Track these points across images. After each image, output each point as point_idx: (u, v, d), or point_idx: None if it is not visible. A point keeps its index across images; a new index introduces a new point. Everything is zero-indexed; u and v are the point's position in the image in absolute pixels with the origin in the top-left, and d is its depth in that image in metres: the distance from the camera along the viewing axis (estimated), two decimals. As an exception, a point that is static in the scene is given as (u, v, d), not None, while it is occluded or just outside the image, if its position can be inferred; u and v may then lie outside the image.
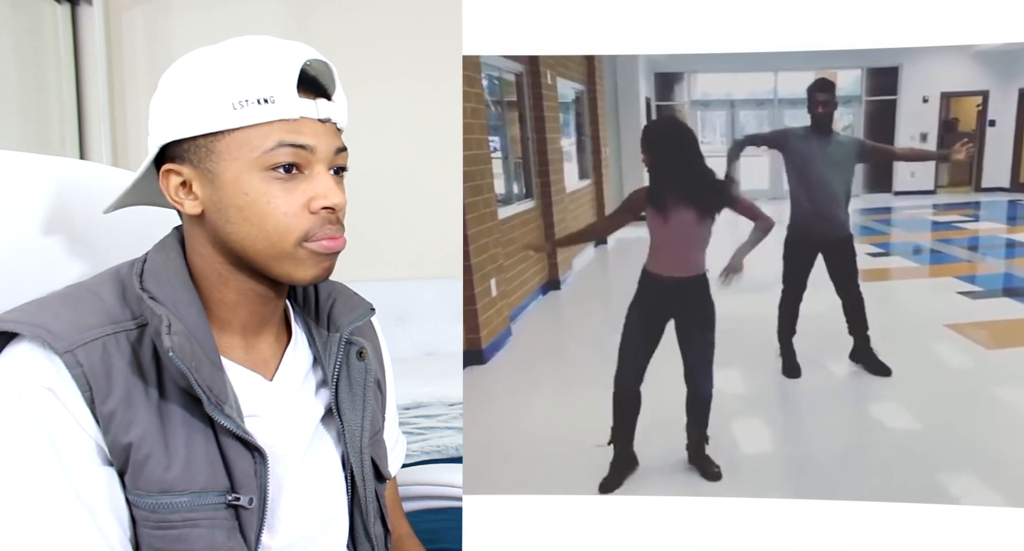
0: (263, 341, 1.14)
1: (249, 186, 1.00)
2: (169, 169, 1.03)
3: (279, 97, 0.99)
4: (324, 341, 1.19)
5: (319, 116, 1.02)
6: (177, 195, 1.03)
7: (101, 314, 1.00)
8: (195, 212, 1.03)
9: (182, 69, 1.03)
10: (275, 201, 1.00)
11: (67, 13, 3.74)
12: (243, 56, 1.00)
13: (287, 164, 1.00)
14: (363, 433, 1.19)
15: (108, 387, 0.96)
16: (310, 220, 1.02)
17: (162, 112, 1.03)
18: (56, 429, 0.94)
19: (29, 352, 0.96)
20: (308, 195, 1.02)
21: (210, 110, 0.99)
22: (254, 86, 0.98)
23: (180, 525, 0.99)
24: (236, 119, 0.98)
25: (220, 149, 1.00)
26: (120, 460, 0.98)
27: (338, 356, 1.18)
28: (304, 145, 1.00)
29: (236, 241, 1.02)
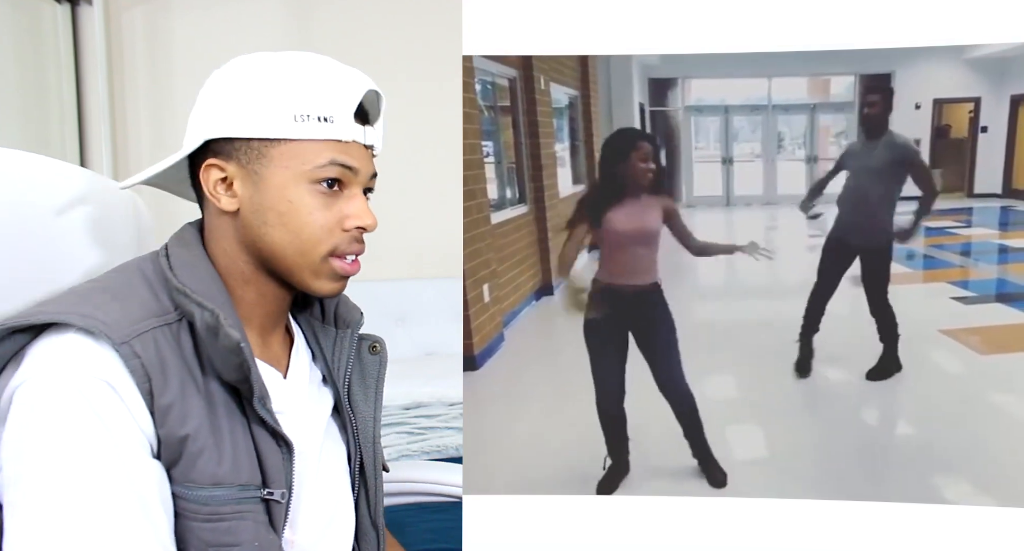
0: (275, 339, 1.17)
1: (294, 194, 1.04)
2: (213, 163, 1.06)
3: (338, 118, 1.05)
4: (332, 338, 1.23)
5: (366, 142, 1.09)
6: (216, 190, 1.06)
7: (145, 306, 1.01)
8: (231, 209, 1.06)
9: (245, 70, 1.06)
10: (315, 213, 1.05)
11: (67, 13, 3.74)
12: (310, 73, 1.06)
13: (332, 180, 1.06)
14: (376, 424, 1.24)
15: (165, 379, 0.97)
16: (341, 236, 1.07)
17: (217, 108, 1.06)
18: (113, 422, 0.94)
19: (82, 343, 0.95)
20: (344, 213, 1.07)
21: (272, 117, 1.03)
22: (317, 104, 1.04)
23: (230, 517, 1.01)
24: (295, 131, 1.03)
25: (273, 155, 1.04)
26: (173, 453, 0.99)
27: (350, 351, 1.22)
28: (351, 167, 1.07)
29: (267, 244, 1.06)
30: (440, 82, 3.55)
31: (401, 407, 3.19)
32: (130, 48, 3.89)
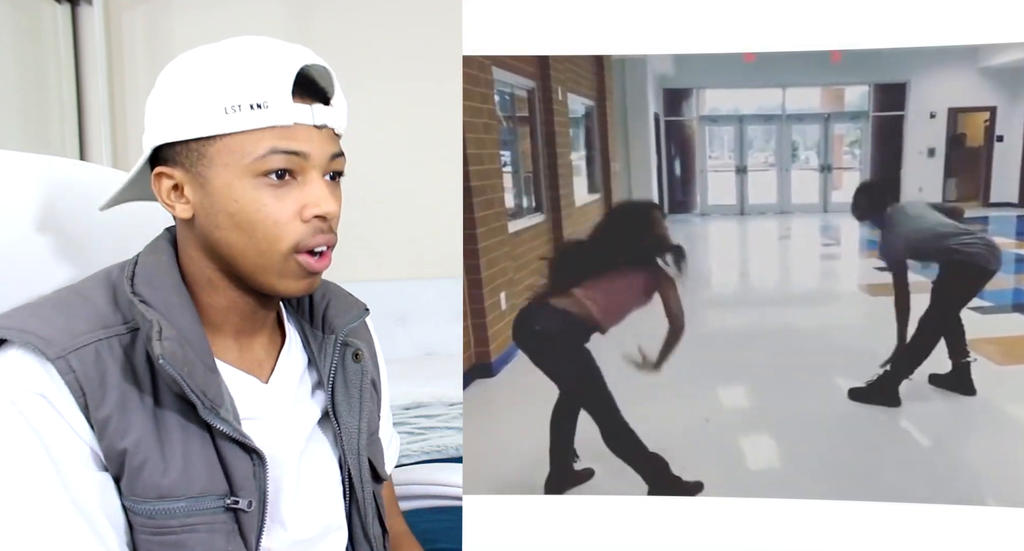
0: (257, 343, 1.14)
1: (240, 193, 0.98)
2: (161, 172, 1.02)
3: (272, 102, 0.97)
4: (319, 343, 1.18)
5: (314, 122, 1.00)
6: (169, 198, 1.03)
7: (93, 319, 0.99)
8: (186, 216, 1.02)
9: (177, 69, 1.01)
10: (266, 209, 0.99)
11: (67, 13, 3.73)
12: (237, 59, 0.99)
13: (279, 170, 0.99)
14: (360, 435, 1.19)
15: (102, 392, 0.96)
16: (301, 229, 1.01)
17: (156, 113, 1.02)
18: (50, 436, 0.94)
19: (20, 358, 0.95)
20: (300, 202, 1.00)
21: (202, 114, 0.97)
22: (247, 91, 0.96)
23: (178, 531, 0.99)
24: (228, 124, 0.97)
25: (211, 154, 0.98)
26: (115, 466, 0.98)
27: (334, 358, 1.17)
28: (297, 152, 0.99)
29: (225, 248, 1.02)
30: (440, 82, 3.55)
31: (401, 407, 3.19)
32: (130, 48, 3.88)
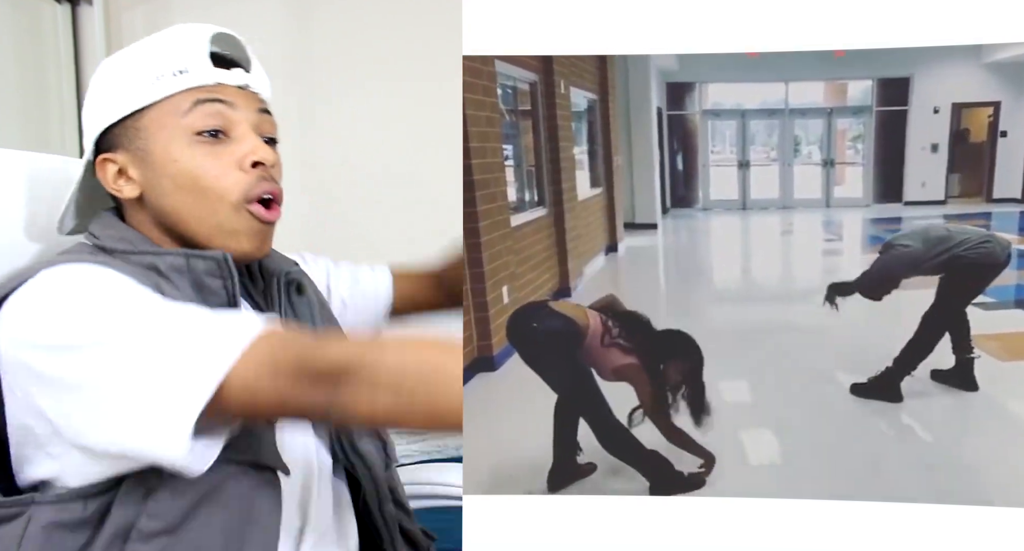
0: None
1: (177, 153, 0.99)
2: (104, 159, 1.03)
3: (192, 67, 1.00)
4: (262, 291, 1.14)
5: (236, 83, 1.02)
6: (116, 184, 1.03)
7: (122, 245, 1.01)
8: (134, 195, 1.02)
9: (104, 66, 1.07)
10: (205, 165, 0.99)
11: (67, 13, 3.71)
12: (156, 39, 1.04)
13: (211, 130, 1.00)
14: None
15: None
16: (245, 179, 1.00)
17: (91, 108, 1.04)
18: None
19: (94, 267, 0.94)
20: (236, 155, 1.01)
21: (130, 89, 1.00)
22: (168, 60, 1.00)
23: None
24: (155, 92, 0.99)
25: (146, 125, 1.00)
26: None
27: (280, 300, 1.14)
28: (222, 100, 1.00)
29: (174, 212, 1.02)
30: (440, 82, 3.53)
31: (401, 407, 3.18)
32: (130, 48, 3.88)
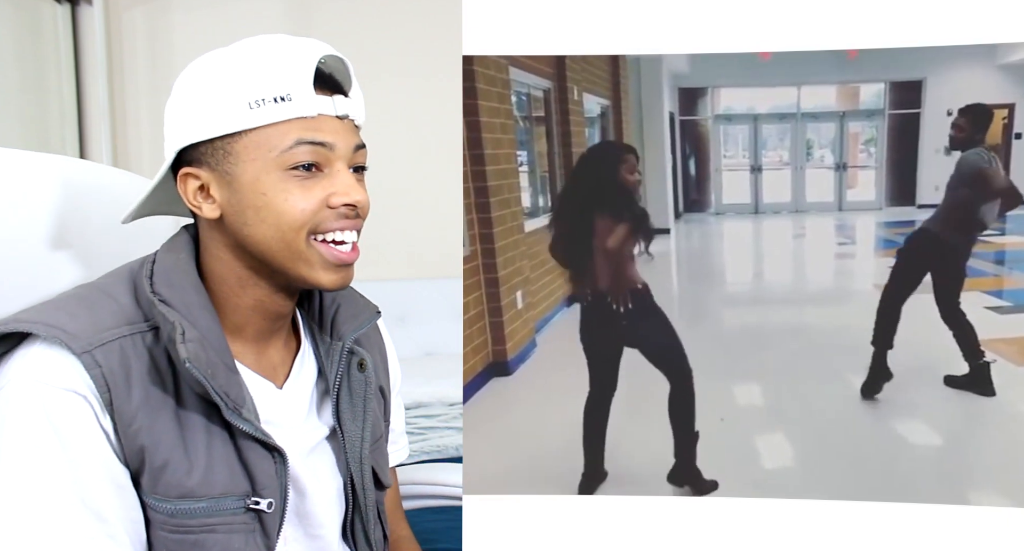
0: (273, 348, 1.13)
1: (267, 186, 0.98)
2: (187, 173, 1.01)
3: (296, 95, 0.97)
4: (327, 349, 1.17)
5: (337, 113, 1.00)
6: (196, 199, 1.02)
7: (117, 315, 0.99)
8: (214, 216, 1.01)
9: (197, 71, 1.01)
10: (292, 198, 0.98)
11: (67, 13, 3.72)
12: (258, 55, 0.99)
13: (306, 163, 0.98)
14: (363, 444, 1.17)
15: (127, 389, 0.95)
16: (324, 213, 1.00)
17: (178, 116, 1.01)
18: (70, 433, 0.93)
19: (46, 352, 0.94)
20: (327, 191, 1.00)
21: (226, 111, 0.97)
22: (270, 84, 0.97)
23: (197, 531, 0.99)
24: (253, 119, 0.97)
25: (238, 150, 0.98)
26: (136, 463, 0.97)
27: (339, 366, 1.16)
28: (323, 142, 0.98)
29: (254, 244, 1.01)
30: (440, 82, 3.55)
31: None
32: (130, 48, 3.87)
